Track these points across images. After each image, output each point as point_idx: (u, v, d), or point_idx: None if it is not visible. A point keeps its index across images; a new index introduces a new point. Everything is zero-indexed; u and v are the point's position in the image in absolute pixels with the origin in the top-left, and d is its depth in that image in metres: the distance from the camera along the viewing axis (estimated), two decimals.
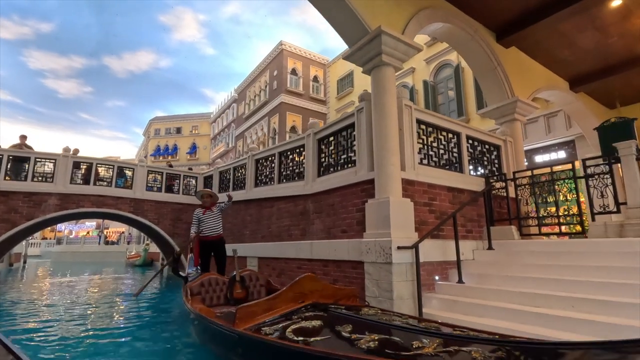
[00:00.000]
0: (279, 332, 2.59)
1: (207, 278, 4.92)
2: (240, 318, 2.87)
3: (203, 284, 4.80)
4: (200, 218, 6.01)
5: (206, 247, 5.87)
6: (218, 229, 6.01)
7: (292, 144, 6.98)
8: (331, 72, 22.30)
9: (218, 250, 5.95)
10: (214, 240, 5.94)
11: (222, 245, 6.04)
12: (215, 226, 6.00)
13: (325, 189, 5.62)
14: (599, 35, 6.86)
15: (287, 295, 3.26)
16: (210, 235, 5.92)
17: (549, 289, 3.76)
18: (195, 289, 4.69)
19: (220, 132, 30.29)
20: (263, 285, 5.06)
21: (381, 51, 4.63)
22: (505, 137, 6.50)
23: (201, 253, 5.81)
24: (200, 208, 6.15)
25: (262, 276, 5.22)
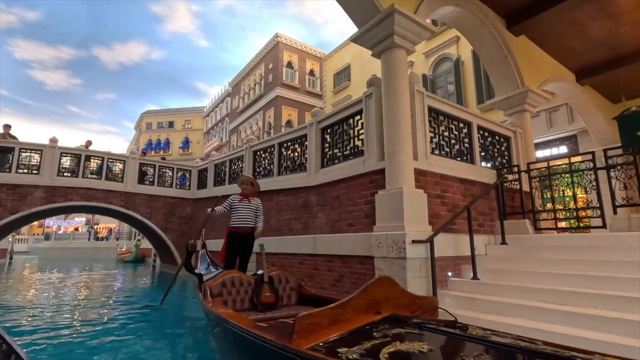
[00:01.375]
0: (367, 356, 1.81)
1: (229, 276, 4.03)
2: (300, 332, 2.08)
3: (225, 284, 3.95)
4: (234, 205, 5.08)
5: (236, 240, 4.93)
6: (251, 222, 5.05)
7: (293, 134, 6.65)
8: (327, 66, 21.94)
9: (245, 245, 5.06)
10: (245, 234, 4.97)
11: (251, 241, 5.09)
12: (249, 218, 5.03)
13: (330, 181, 5.32)
14: (611, 24, 6.64)
15: (358, 303, 2.45)
16: (241, 227, 4.95)
17: (573, 286, 3.52)
18: (216, 289, 3.85)
19: (214, 126, 29.75)
20: (294, 289, 4.27)
21: (393, 32, 4.32)
22: (515, 128, 6.26)
23: (229, 246, 4.91)
24: (238, 195, 5.21)
25: (292, 277, 4.41)
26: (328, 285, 5.09)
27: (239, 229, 4.94)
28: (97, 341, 4.43)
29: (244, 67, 24.89)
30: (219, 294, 3.83)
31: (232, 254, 4.91)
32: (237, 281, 4.04)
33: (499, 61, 6.42)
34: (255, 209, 5.13)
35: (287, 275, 4.38)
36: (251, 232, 5.00)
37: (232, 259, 4.89)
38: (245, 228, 4.96)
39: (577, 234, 4.65)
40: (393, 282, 2.75)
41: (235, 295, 3.96)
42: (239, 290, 4.00)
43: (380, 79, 4.82)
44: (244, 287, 4.03)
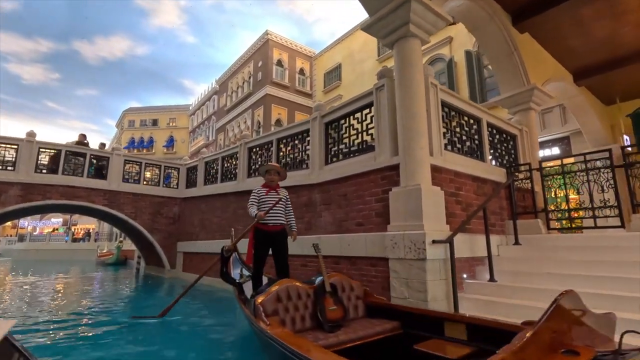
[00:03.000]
0: None
1: (283, 287, 3.15)
2: None
3: (279, 298, 3.07)
4: (261, 198, 4.14)
5: (265, 239, 4.03)
6: (282, 217, 4.16)
7: (293, 129, 6.34)
8: (318, 65, 21.71)
9: (280, 245, 4.09)
10: (277, 232, 4.07)
11: (284, 239, 4.16)
12: (280, 213, 4.14)
13: (336, 178, 5.03)
14: (614, 24, 6.61)
15: (542, 339, 1.55)
16: (272, 224, 4.04)
17: (604, 288, 3.35)
18: (270, 305, 2.98)
19: (200, 124, 29.03)
20: (360, 297, 3.50)
21: (409, 20, 4.08)
22: (521, 126, 6.13)
23: (257, 247, 4.04)
24: (263, 187, 4.27)
25: (356, 284, 3.59)
26: None
27: (269, 227, 4.01)
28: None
29: (232, 65, 24.36)
30: (274, 311, 2.97)
31: (262, 256, 4.05)
32: (294, 293, 3.16)
33: (505, 58, 6.29)
34: (285, 202, 4.24)
35: (349, 280, 3.58)
36: (283, 230, 4.15)
37: (262, 263, 4.06)
38: (276, 225, 4.07)
39: (595, 234, 4.52)
40: (576, 299, 1.73)
41: (294, 311, 3.09)
42: (296, 304, 3.13)
43: (391, 71, 4.58)
44: (303, 300, 3.17)
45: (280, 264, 4.10)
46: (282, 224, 4.12)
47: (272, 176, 4.29)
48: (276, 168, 4.37)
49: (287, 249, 4.18)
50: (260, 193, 4.19)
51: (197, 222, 9.61)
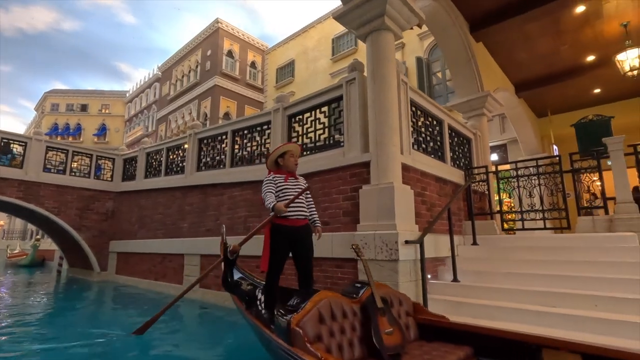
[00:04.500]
0: None
1: (325, 302, 2.33)
2: None
3: (322, 318, 2.26)
4: (280, 186, 3.14)
5: (286, 238, 3.03)
6: (305, 210, 3.17)
7: (252, 120, 5.91)
8: (270, 60, 21.14)
9: (304, 245, 3.12)
10: (300, 228, 3.09)
11: (310, 237, 3.19)
12: (303, 204, 3.16)
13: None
14: (555, 41, 7.19)
15: None
16: (294, 218, 3.06)
17: (559, 287, 3.49)
18: (312, 328, 2.17)
19: (138, 113, 26.71)
20: (410, 314, 2.76)
21: (384, 12, 3.94)
22: (475, 130, 6.38)
23: (274, 249, 3.03)
24: (277, 174, 3.23)
25: (403, 296, 2.85)
26: None
27: (291, 221, 3.04)
28: None
29: (178, 51, 22.76)
30: (317, 336, 2.17)
31: (281, 260, 3.06)
32: (338, 310, 2.36)
33: (463, 64, 6.50)
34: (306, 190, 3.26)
35: (395, 291, 2.84)
36: (308, 226, 3.19)
37: (280, 269, 3.09)
38: (299, 219, 3.08)
39: (546, 235, 4.78)
40: None
41: (340, 335, 2.29)
42: (342, 326, 2.33)
43: (362, 64, 4.42)
44: (349, 320, 2.38)
45: (303, 270, 3.13)
46: (307, 218, 3.17)
47: (288, 160, 3.24)
48: (291, 150, 3.29)
49: (313, 253, 3.22)
50: (277, 180, 3.17)
51: (135, 218, 8.65)
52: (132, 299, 6.72)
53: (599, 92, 9.13)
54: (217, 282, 5.87)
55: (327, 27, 17.85)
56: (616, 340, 2.62)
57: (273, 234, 3.05)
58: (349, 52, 16.31)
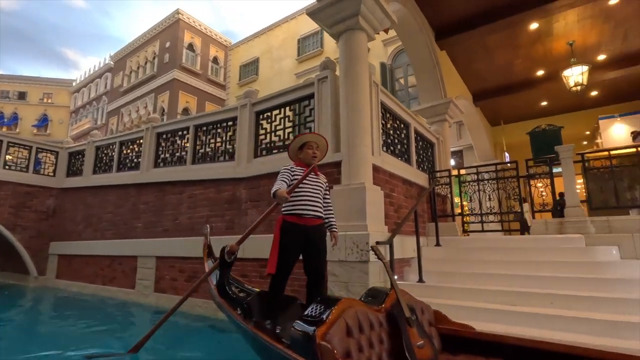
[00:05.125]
0: None
1: (352, 312, 2.02)
2: None
3: (350, 331, 1.94)
4: (295, 179, 2.77)
5: (297, 237, 2.69)
6: (321, 208, 2.83)
7: (217, 116, 5.64)
8: (233, 56, 20.59)
9: (317, 247, 2.77)
10: (314, 228, 2.75)
11: (323, 239, 2.85)
12: (318, 202, 2.81)
13: (267, 172, 4.58)
14: (511, 55, 7.66)
15: None
16: (309, 216, 2.72)
17: (518, 286, 3.64)
18: (340, 342, 1.86)
19: (86, 104, 24.79)
20: (432, 324, 2.49)
21: (359, 11, 3.92)
22: (438, 135, 6.59)
23: (285, 249, 2.67)
24: (297, 166, 2.89)
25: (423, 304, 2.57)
26: None
27: (304, 219, 2.70)
28: None
29: (134, 41, 21.46)
30: (346, 352, 1.87)
31: (290, 262, 2.71)
32: (365, 321, 2.05)
33: (428, 70, 6.69)
34: (324, 190, 2.93)
35: (417, 300, 2.53)
36: (322, 226, 2.86)
37: (288, 273, 2.74)
38: (314, 218, 2.74)
39: (503, 236, 5.02)
40: None
41: (368, 350, 1.98)
42: (370, 338, 2.02)
43: (334, 63, 4.37)
44: (376, 332, 2.08)
45: (314, 275, 2.79)
46: (321, 218, 2.83)
47: (308, 152, 2.86)
48: (318, 141, 2.92)
49: (326, 256, 2.88)
50: (294, 171, 2.82)
51: (80, 217, 7.93)
52: (79, 307, 6.12)
53: (546, 104, 9.87)
54: (174, 285, 5.52)
55: (293, 27, 17.74)
56: (572, 335, 2.77)
57: (283, 232, 2.69)
58: (315, 53, 16.31)
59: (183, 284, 5.33)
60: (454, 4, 6.10)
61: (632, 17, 6.39)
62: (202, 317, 4.85)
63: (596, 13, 6.30)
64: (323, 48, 16.15)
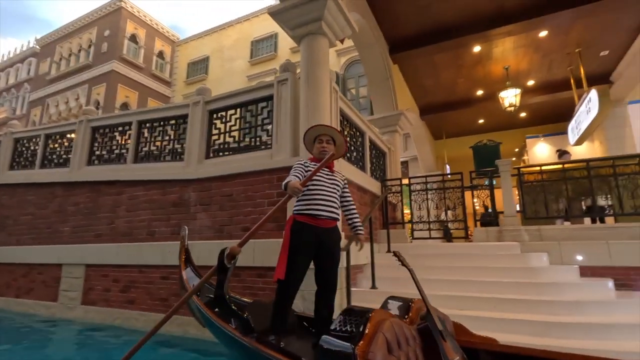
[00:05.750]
0: None
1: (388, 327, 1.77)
2: None
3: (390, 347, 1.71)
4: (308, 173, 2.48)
5: (309, 239, 2.45)
6: (336, 208, 2.59)
7: (165, 112, 5.24)
8: (181, 53, 19.63)
9: (330, 251, 2.53)
10: (328, 231, 2.51)
11: (338, 243, 2.62)
12: (334, 201, 2.56)
13: (220, 175, 4.34)
14: (456, 74, 8.23)
15: None
16: (323, 217, 2.47)
17: (464, 291, 3.84)
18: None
19: (3, 91, 21.83)
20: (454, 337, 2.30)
21: (322, 17, 3.91)
22: (390, 145, 6.81)
23: (294, 251, 2.43)
24: (311, 161, 2.64)
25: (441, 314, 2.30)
26: None
27: (319, 221, 2.46)
28: None
29: (66, 25, 19.45)
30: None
31: (301, 268, 2.45)
32: (401, 335, 1.85)
33: (382, 81, 6.92)
34: (342, 188, 2.72)
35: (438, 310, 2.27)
36: (337, 229, 2.62)
37: (299, 280, 2.47)
38: (328, 220, 2.50)
39: (448, 243, 5.27)
40: None
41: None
42: (407, 355, 1.83)
43: (295, 66, 4.30)
44: (412, 347, 1.89)
45: (326, 284, 2.54)
46: (337, 220, 2.59)
47: (325, 146, 2.61)
48: (331, 132, 2.67)
49: (339, 262, 2.62)
50: (308, 167, 2.55)
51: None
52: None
53: (483, 122, 10.75)
54: (106, 296, 4.96)
55: (246, 29, 17.40)
56: (517, 337, 2.96)
57: (294, 233, 2.43)
58: (269, 57, 16.14)
59: (117, 295, 4.82)
60: (409, 21, 6.40)
61: (556, 50, 7.23)
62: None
63: (528, 43, 7.02)
64: (277, 52, 16.04)
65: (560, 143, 9.22)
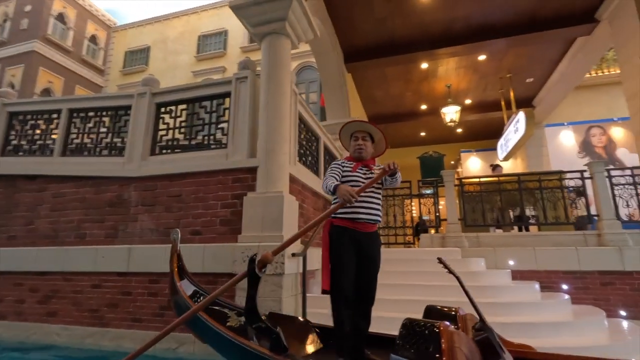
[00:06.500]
0: None
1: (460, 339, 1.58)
2: None
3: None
4: (345, 175, 2.33)
5: (350, 245, 2.23)
6: (379, 211, 2.33)
7: (103, 101, 4.73)
8: (119, 40, 18.08)
9: (370, 258, 2.27)
10: (367, 235, 2.28)
11: (378, 250, 2.36)
12: (376, 203, 2.31)
13: (168, 173, 4.01)
14: (404, 87, 8.66)
15: None
16: (363, 220, 2.25)
17: (417, 295, 3.98)
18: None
19: None
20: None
21: (286, 17, 3.83)
22: (342, 152, 6.91)
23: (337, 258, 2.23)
24: (347, 160, 2.45)
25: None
26: (148, 315, 3.69)
27: (357, 224, 2.24)
28: None
29: None
30: None
31: (349, 272, 2.21)
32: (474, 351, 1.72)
33: (336, 89, 7.02)
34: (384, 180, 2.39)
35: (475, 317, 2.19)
36: (377, 234, 2.37)
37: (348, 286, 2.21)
38: (369, 223, 2.28)
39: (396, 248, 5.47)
40: None
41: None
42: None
43: (255, 64, 4.16)
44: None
45: (365, 292, 2.28)
46: (377, 222, 2.34)
47: (357, 143, 2.39)
48: (367, 128, 2.44)
49: (379, 266, 2.34)
50: (344, 166, 2.38)
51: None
52: None
53: (425, 135, 11.45)
54: (19, 309, 4.29)
55: (193, 22, 16.61)
56: None
57: (332, 238, 2.25)
58: (217, 54, 15.56)
59: (35, 307, 4.18)
60: (365, 32, 6.59)
61: (492, 73, 7.98)
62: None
63: (469, 64, 7.65)
64: (226, 50, 15.53)
65: (490, 158, 10.16)
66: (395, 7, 5.93)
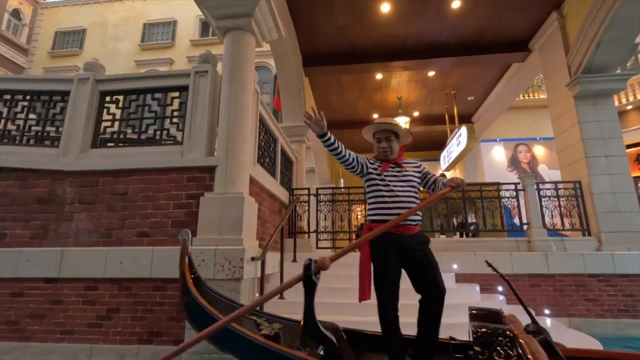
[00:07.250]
0: None
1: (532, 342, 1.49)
2: None
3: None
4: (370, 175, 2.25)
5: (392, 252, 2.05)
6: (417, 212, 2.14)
7: (36, 84, 4.16)
8: (48, 17, 16.27)
9: (423, 253, 2.10)
10: (410, 238, 2.09)
11: (427, 244, 2.17)
12: (412, 202, 2.14)
13: (112, 169, 3.64)
14: (358, 96, 8.90)
15: None
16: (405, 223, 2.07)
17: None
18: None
19: None
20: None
21: (252, 13, 3.72)
22: (297, 155, 6.89)
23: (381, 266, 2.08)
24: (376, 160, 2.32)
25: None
26: (82, 326, 3.30)
27: (397, 228, 2.06)
28: None
29: None
30: None
31: (392, 281, 2.08)
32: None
33: (294, 91, 6.98)
34: (420, 177, 2.33)
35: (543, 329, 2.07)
36: (422, 233, 2.21)
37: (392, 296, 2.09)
38: (409, 226, 2.11)
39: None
40: None
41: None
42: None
43: (216, 58, 3.98)
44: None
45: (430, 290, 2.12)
46: (418, 223, 2.18)
47: (381, 145, 2.29)
48: (389, 127, 2.30)
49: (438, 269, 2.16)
50: (372, 163, 2.30)
51: None
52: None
53: None
54: None
55: (138, 8, 15.53)
56: None
57: (374, 244, 2.09)
58: (164, 45, 14.69)
59: None
60: (325, 38, 6.67)
61: (438, 89, 8.54)
62: None
63: (419, 79, 8.11)
64: (174, 42, 14.73)
65: (433, 168, 10.83)
66: (356, 17, 6.08)
